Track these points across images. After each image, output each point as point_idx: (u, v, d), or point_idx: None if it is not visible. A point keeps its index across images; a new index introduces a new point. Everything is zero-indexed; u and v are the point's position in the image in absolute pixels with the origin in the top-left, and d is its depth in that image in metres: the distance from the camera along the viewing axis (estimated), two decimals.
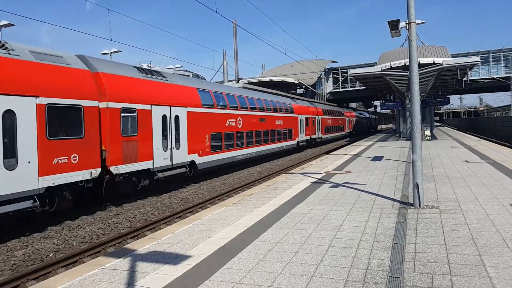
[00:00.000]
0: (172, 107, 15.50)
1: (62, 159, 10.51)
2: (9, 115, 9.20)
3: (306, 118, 35.44)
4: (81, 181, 11.23)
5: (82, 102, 11.25)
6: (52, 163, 10.16)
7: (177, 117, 15.82)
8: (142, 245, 6.57)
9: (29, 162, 9.53)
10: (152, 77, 15.14)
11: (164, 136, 14.97)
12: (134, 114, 13.47)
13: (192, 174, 17.11)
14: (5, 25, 22.94)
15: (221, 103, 20.03)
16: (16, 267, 7.99)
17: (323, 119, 41.18)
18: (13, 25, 23.13)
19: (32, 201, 9.61)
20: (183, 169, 16.31)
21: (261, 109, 25.56)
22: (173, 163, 15.53)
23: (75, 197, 11.39)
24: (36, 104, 9.85)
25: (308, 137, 36.03)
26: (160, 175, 14.73)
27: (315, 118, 38.24)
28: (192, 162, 17.00)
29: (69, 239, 9.67)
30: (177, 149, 15.80)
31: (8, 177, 9.01)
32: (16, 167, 9.20)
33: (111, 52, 30.90)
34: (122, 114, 12.94)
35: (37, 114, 9.85)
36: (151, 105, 14.31)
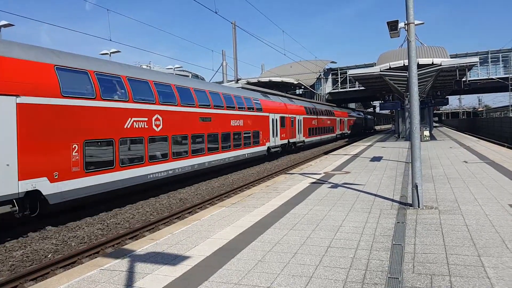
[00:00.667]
0: None
1: None
2: None
3: (282, 118, 28.99)
4: None
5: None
6: None
7: None
8: (141, 246, 6.56)
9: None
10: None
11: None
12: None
13: (38, 213, 10.11)
14: (5, 25, 22.93)
15: (118, 92, 13.06)
16: (14, 267, 7.97)
17: (306, 119, 35.02)
18: (13, 25, 23.12)
19: None
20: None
21: (205, 106, 18.38)
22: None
23: None
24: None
25: (285, 141, 29.61)
26: None
27: (294, 117, 31.88)
28: (32, 193, 9.80)
29: (67, 240, 9.66)
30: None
31: None
32: None
33: (111, 52, 30.88)
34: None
35: None
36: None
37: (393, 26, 9.01)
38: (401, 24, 8.86)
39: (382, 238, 6.31)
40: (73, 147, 11.01)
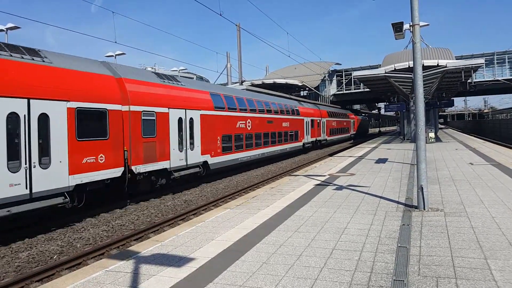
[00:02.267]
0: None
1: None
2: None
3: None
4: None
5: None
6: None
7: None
8: (145, 247, 6.57)
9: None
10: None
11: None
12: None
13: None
14: (11, 28, 23.09)
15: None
16: (20, 268, 8.01)
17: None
18: (19, 27, 23.28)
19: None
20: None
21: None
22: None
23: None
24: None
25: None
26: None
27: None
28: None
29: (73, 241, 9.70)
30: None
31: None
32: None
33: (116, 55, 31.03)
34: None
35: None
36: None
37: (398, 27, 9.01)
38: (406, 26, 8.86)
39: (388, 240, 6.28)
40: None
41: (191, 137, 16.64)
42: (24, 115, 9.64)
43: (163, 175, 14.95)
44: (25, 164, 9.57)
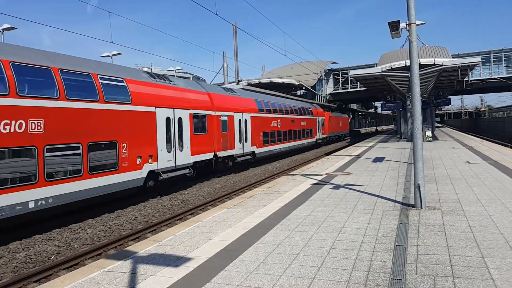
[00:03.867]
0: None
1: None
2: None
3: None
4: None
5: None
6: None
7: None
8: (143, 247, 6.56)
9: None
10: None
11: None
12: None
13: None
14: (7, 29, 22.97)
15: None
16: (17, 269, 7.99)
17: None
18: (15, 28, 23.17)
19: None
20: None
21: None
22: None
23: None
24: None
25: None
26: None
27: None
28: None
29: (70, 241, 9.67)
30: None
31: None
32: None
33: (112, 55, 30.94)
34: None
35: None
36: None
37: (394, 26, 9.00)
38: (402, 25, 8.86)
39: (385, 239, 6.30)
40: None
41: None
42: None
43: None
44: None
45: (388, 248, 5.85)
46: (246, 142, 22.38)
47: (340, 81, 64.11)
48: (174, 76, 19.30)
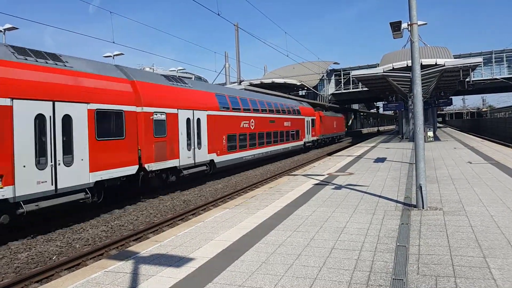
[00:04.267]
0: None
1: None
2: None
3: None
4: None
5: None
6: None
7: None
8: (145, 248, 6.57)
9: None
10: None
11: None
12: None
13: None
14: (9, 29, 23.04)
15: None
16: (19, 269, 8.00)
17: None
18: (17, 28, 23.23)
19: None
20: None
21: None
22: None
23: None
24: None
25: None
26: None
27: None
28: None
29: (72, 242, 9.68)
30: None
31: None
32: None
33: (114, 55, 30.99)
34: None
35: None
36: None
37: (396, 27, 9.00)
38: (404, 25, 8.85)
39: (387, 240, 6.29)
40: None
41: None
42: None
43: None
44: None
45: (390, 248, 5.85)
46: (200, 148, 17.21)
47: (342, 82, 64.12)
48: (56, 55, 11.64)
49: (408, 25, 8.64)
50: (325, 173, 14.84)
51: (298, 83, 56.67)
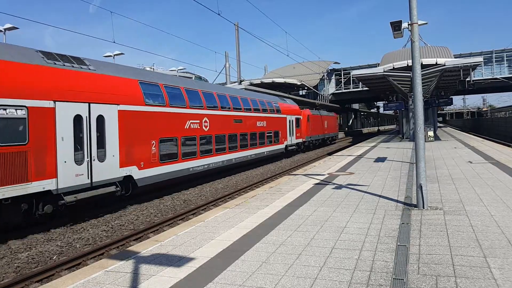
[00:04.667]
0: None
1: None
2: None
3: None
4: None
5: None
6: None
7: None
8: (145, 248, 6.57)
9: None
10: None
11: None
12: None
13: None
14: (9, 28, 23.07)
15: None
16: (20, 269, 8.01)
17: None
18: (17, 28, 23.26)
19: None
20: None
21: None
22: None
23: None
24: None
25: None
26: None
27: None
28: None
29: (72, 242, 9.69)
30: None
31: None
32: None
33: (114, 55, 31.01)
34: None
35: None
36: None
37: (396, 26, 9.00)
38: (404, 25, 8.85)
39: (387, 239, 6.29)
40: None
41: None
42: None
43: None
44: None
45: (390, 248, 5.85)
46: (102, 160, 11.87)
47: (342, 81, 64.10)
48: None
49: (408, 24, 8.63)
50: (325, 173, 14.84)
51: (299, 83, 56.66)
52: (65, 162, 10.70)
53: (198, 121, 17.53)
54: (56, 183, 10.47)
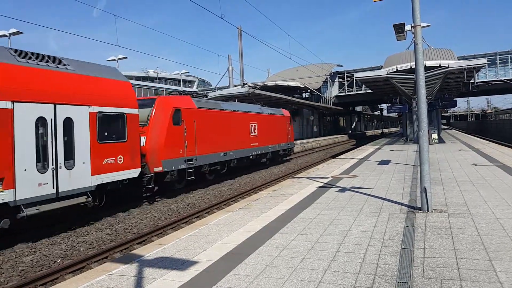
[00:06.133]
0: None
1: None
2: None
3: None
4: None
5: None
6: None
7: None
8: (149, 251, 6.58)
9: None
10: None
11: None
12: None
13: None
14: (14, 33, 23.25)
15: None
16: (24, 273, 8.03)
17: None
18: (22, 32, 23.44)
19: None
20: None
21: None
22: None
23: None
24: None
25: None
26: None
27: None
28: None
29: (76, 245, 9.71)
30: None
31: None
32: None
33: (118, 58, 31.17)
34: None
35: None
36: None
37: (399, 29, 9.00)
38: (407, 27, 8.84)
39: (391, 242, 6.26)
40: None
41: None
42: None
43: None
44: None
45: (395, 251, 5.82)
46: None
47: (346, 84, 64.04)
48: None
49: (411, 27, 8.62)
50: (329, 176, 14.81)
51: (302, 86, 56.64)
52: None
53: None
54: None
